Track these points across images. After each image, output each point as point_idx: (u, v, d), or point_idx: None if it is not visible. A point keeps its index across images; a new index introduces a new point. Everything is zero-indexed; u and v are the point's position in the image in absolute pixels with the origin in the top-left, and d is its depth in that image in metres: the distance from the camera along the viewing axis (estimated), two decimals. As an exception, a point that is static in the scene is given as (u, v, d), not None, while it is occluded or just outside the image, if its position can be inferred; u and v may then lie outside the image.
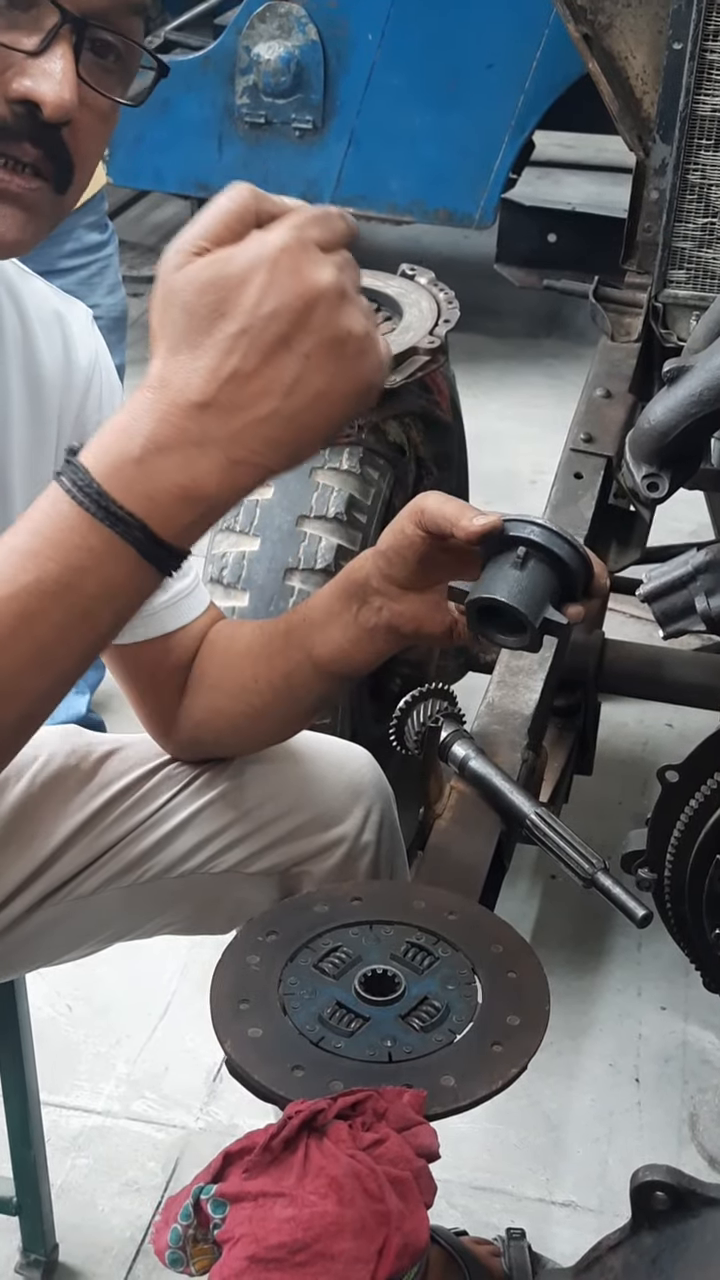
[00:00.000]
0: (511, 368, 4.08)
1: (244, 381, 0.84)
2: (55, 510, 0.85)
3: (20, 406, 1.21)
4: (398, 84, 3.75)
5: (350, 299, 0.87)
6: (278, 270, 0.84)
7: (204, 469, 0.85)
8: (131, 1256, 1.83)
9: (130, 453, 0.84)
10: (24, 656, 0.88)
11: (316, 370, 0.85)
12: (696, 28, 1.86)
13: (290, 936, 1.11)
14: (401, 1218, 0.90)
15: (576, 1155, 1.97)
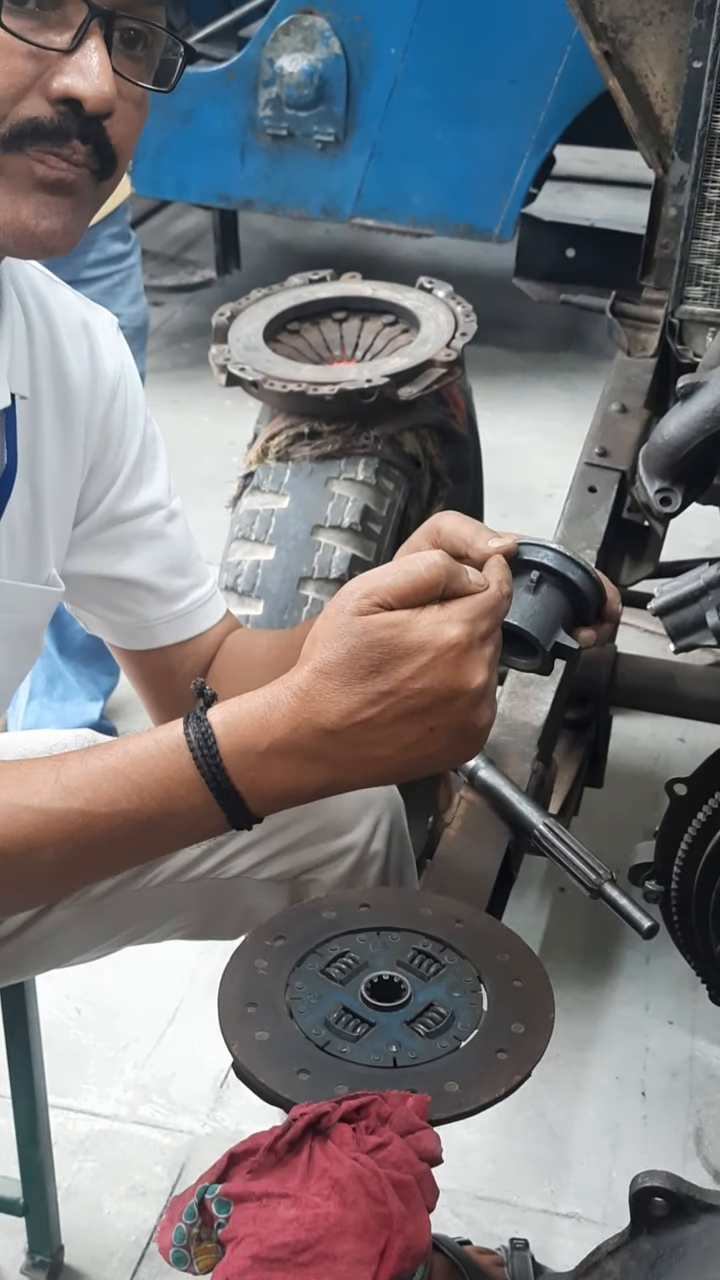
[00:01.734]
0: (529, 381, 4.09)
1: (372, 729, 0.96)
2: (172, 759, 0.97)
3: (50, 413, 1.22)
4: (420, 98, 3.75)
5: (490, 694, 0.99)
6: (440, 660, 0.95)
7: (310, 778, 0.98)
8: (136, 1260, 1.83)
9: (257, 745, 0.96)
10: (93, 868, 1.04)
11: (435, 740, 0.97)
12: (716, 47, 1.87)
13: (298, 942, 1.12)
14: (404, 1220, 0.91)
15: (581, 1167, 1.97)
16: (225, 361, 2.02)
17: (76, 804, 0.97)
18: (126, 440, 1.30)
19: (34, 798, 0.97)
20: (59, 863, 0.99)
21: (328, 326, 2.19)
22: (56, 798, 0.97)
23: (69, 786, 0.98)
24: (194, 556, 1.38)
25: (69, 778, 0.98)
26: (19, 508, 1.20)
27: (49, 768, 0.99)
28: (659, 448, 1.52)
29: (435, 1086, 1.00)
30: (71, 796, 0.97)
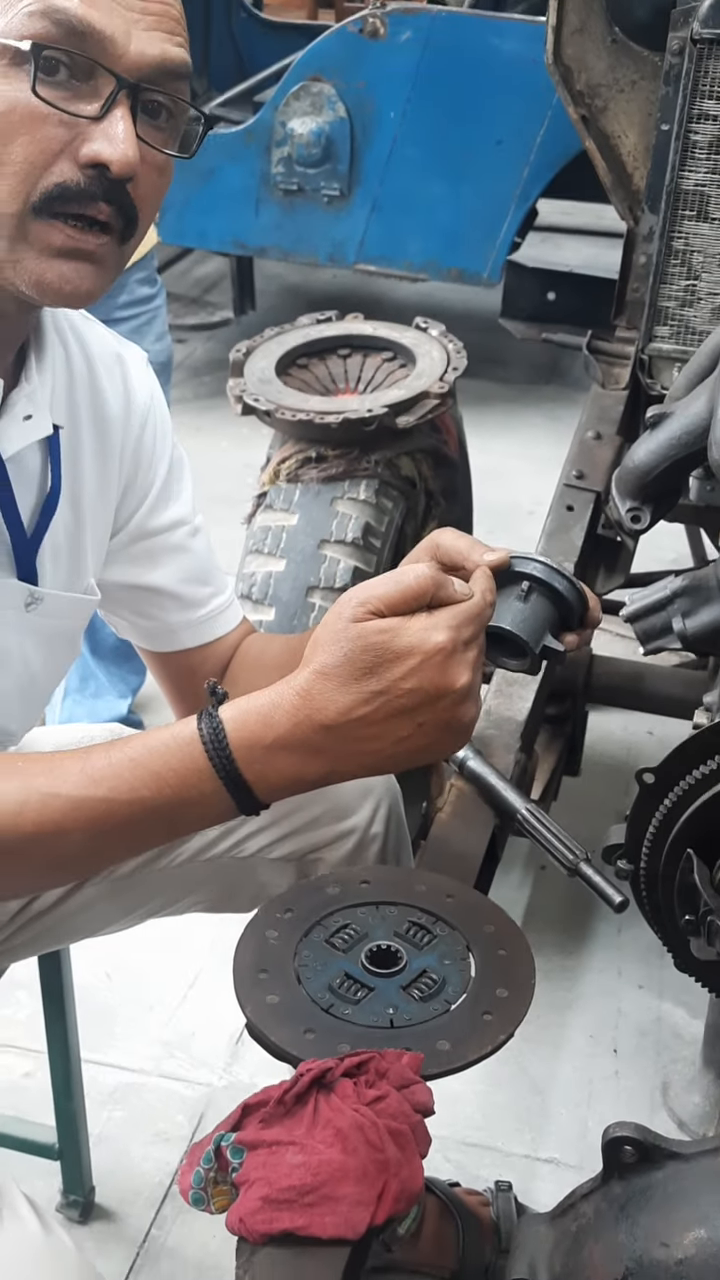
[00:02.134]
0: (514, 411, 4.08)
1: (366, 725, 0.96)
2: (187, 751, 0.98)
3: (89, 440, 1.22)
4: (416, 157, 3.76)
5: (474, 693, 1.00)
6: (428, 663, 0.96)
7: (310, 769, 0.98)
8: (160, 1199, 1.83)
9: (263, 739, 0.97)
10: (117, 849, 1.04)
11: (423, 735, 0.98)
12: (682, 111, 1.87)
13: (305, 914, 1.12)
14: (399, 1166, 0.91)
15: (559, 1117, 1.96)
16: (242, 393, 2.02)
17: (101, 791, 0.97)
18: (156, 463, 1.30)
19: (63, 785, 0.97)
20: (86, 845, 0.99)
21: (333, 362, 2.19)
22: (83, 786, 0.97)
23: (94, 776, 0.98)
24: (214, 568, 1.37)
25: (94, 768, 0.98)
26: (62, 525, 1.19)
27: (77, 759, 0.99)
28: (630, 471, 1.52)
29: (428, 1045, 1.00)
30: (96, 785, 0.97)
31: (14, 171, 0.97)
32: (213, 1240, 1.77)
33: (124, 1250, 1.77)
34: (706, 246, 1.94)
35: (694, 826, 1.21)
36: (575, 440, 2.06)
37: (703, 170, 1.90)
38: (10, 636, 1.18)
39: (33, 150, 0.97)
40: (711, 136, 1.88)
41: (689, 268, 1.96)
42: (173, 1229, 1.80)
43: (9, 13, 0.95)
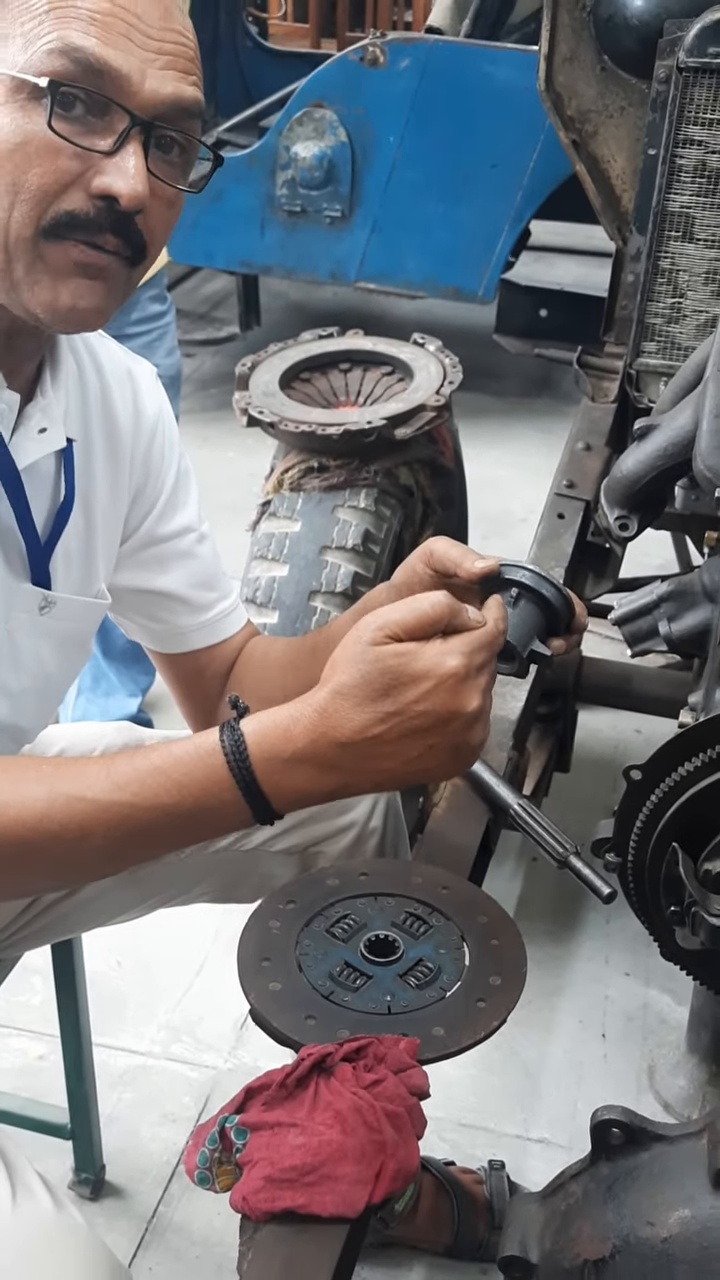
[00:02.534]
0: (508, 423, 4.08)
1: (379, 744, 0.97)
2: (209, 762, 0.98)
3: (101, 451, 1.22)
4: (414, 179, 3.76)
5: (484, 718, 1.01)
6: (440, 687, 0.97)
7: (324, 783, 0.99)
8: (167, 1177, 1.83)
9: (282, 753, 0.97)
10: (135, 853, 1.02)
11: (433, 756, 0.99)
12: (668, 136, 1.87)
13: (306, 905, 1.12)
14: (396, 1146, 0.91)
15: (550, 1098, 1.96)
16: (247, 405, 2.02)
17: (124, 797, 0.97)
18: (164, 472, 1.30)
19: (88, 790, 0.97)
20: (107, 848, 0.99)
21: (334, 376, 2.19)
22: (107, 791, 0.97)
23: (118, 782, 0.98)
24: (220, 573, 1.37)
25: (119, 774, 0.98)
26: (74, 532, 1.19)
27: (102, 765, 0.99)
28: (618, 481, 1.52)
29: (424, 1031, 1.00)
30: (120, 790, 0.97)
31: (27, 199, 0.97)
32: (218, 1217, 1.77)
33: (133, 1226, 1.77)
34: (691, 266, 1.94)
35: (679, 821, 1.20)
36: (566, 451, 2.06)
37: (688, 193, 1.90)
38: (25, 639, 1.18)
39: (47, 180, 0.97)
40: (696, 161, 1.88)
41: (675, 286, 1.96)
42: (179, 1206, 1.79)
43: (30, 49, 0.95)
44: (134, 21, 0.96)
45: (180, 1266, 1.72)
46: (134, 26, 0.96)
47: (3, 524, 1.11)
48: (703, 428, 1.28)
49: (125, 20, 0.96)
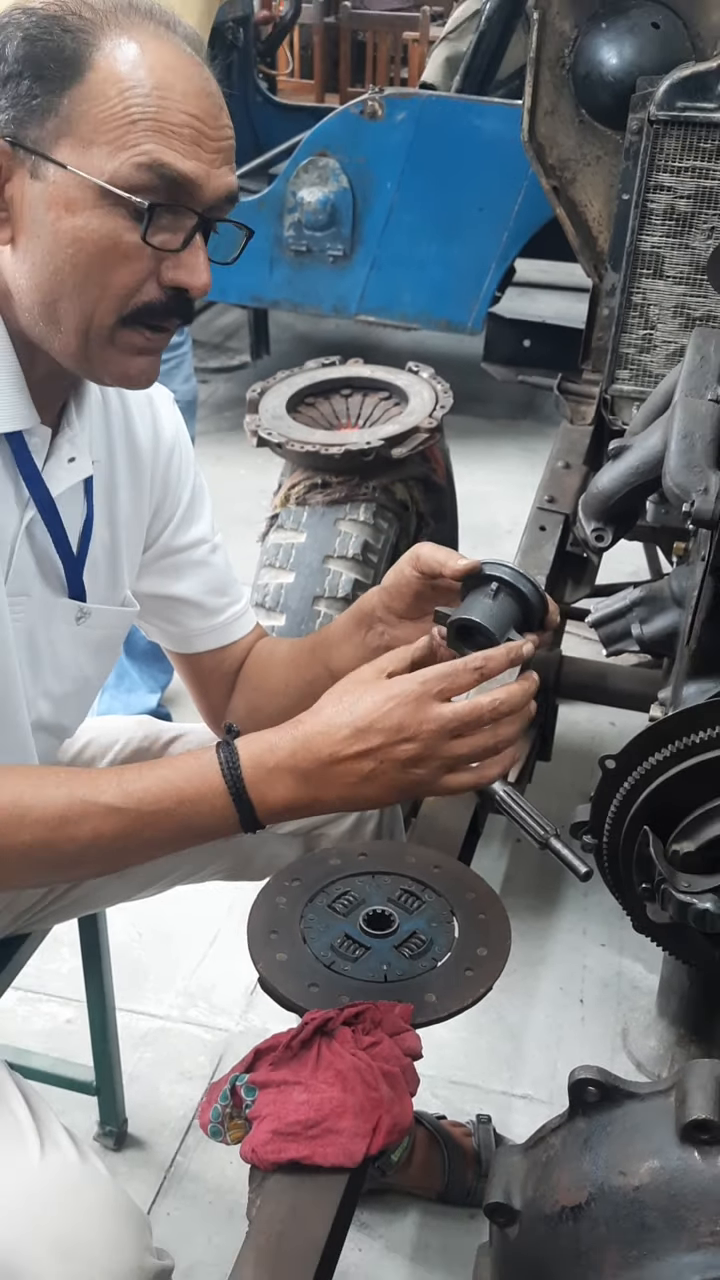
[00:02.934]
0: (495, 443, 4.08)
1: (341, 762, 0.98)
2: (206, 771, 0.99)
3: (124, 470, 1.22)
4: (410, 221, 3.75)
5: (434, 753, 0.98)
6: (397, 708, 0.97)
7: (301, 794, 0.99)
8: (184, 1130, 1.83)
9: (266, 762, 0.99)
10: (136, 853, 1.02)
11: (382, 775, 0.98)
12: (640, 183, 1.87)
13: (310, 883, 1.12)
14: (392, 1103, 0.91)
15: (533, 1058, 1.96)
16: (257, 427, 2.02)
17: (132, 803, 0.98)
18: (180, 488, 1.30)
19: (101, 795, 0.98)
20: (114, 847, 0.99)
21: (336, 400, 2.19)
22: (118, 797, 0.98)
23: (128, 790, 0.99)
24: (232, 580, 1.37)
25: (128, 782, 0.99)
26: (101, 546, 1.19)
27: (114, 774, 1.00)
28: (594, 496, 1.52)
29: (417, 997, 1.00)
30: (129, 797, 0.98)
31: (114, 294, 0.99)
32: (230, 1166, 1.77)
33: (153, 1174, 1.77)
34: (661, 301, 1.94)
35: (650, 806, 1.20)
36: (547, 469, 2.06)
37: (658, 234, 1.90)
38: (65, 648, 1.19)
39: (130, 280, 0.99)
40: (666, 205, 1.88)
41: (646, 319, 1.96)
42: (195, 1156, 1.79)
43: (116, 158, 0.95)
44: (202, 129, 0.97)
45: (195, 1211, 1.72)
46: (202, 134, 0.98)
47: (41, 547, 1.11)
48: (671, 448, 1.28)
49: (196, 129, 0.97)
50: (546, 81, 2.08)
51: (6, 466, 1.06)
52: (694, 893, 1.14)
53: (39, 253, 0.98)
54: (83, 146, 0.95)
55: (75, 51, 0.95)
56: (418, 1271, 1.66)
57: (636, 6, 1.98)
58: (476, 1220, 1.72)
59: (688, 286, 1.91)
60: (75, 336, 1.01)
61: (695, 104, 1.80)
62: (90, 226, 0.96)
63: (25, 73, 0.95)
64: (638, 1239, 0.76)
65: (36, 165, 0.96)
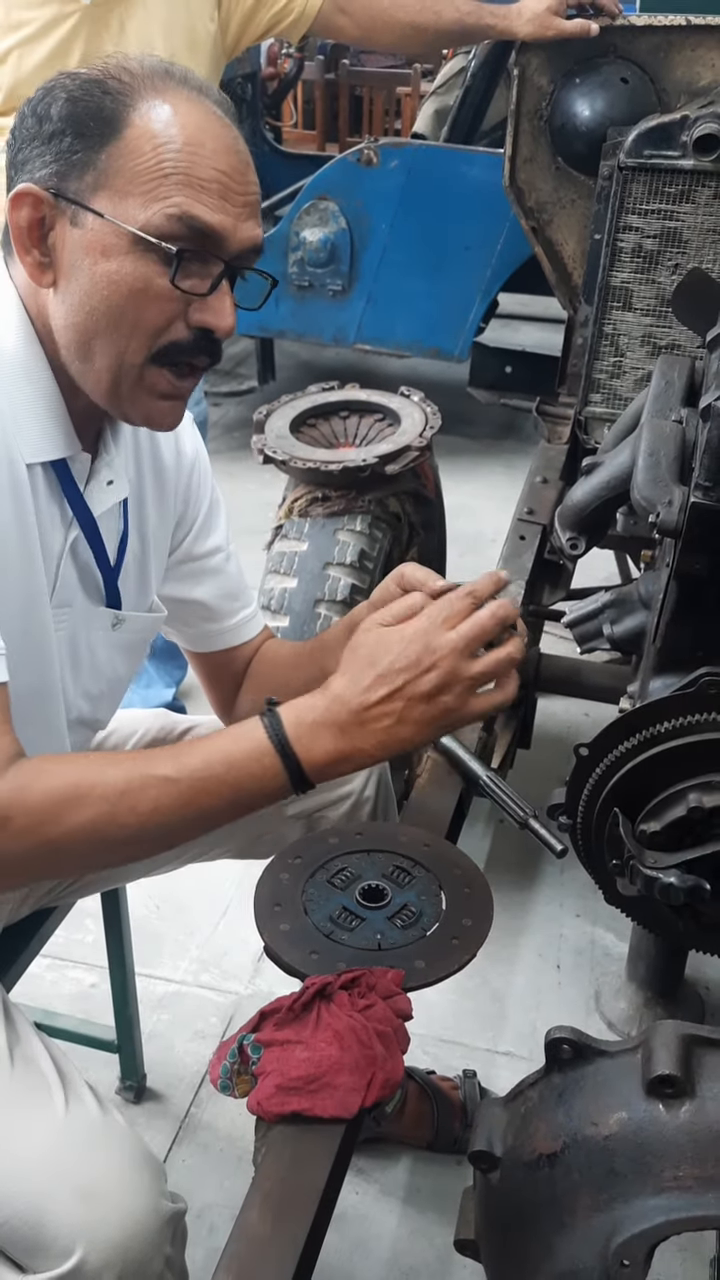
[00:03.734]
0: (480, 461, 4.08)
1: (375, 706, 0.97)
2: (253, 736, 0.98)
3: (151, 487, 1.22)
4: (402, 259, 3.75)
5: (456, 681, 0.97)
6: (412, 644, 0.97)
7: (342, 746, 0.97)
8: (198, 1085, 1.82)
9: (306, 719, 0.98)
10: (196, 823, 0.99)
11: (413, 710, 0.97)
12: (610, 224, 1.87)
13: (311, 860, 1.12)
14: (385, 1060, 0.91)
15: (514, 1019, 1.96)
16: (263, 446, 2.02)
17: (186, 772, 0.96)
18: (199, 502, 1.30)
19: (158, 769, 0.96)
20: (174, 818, 0.97)
21: (335, 421, 2.18)
22: (174, 768, 0.96)
23: (182, 761, 0.97)
24: (243, 587, 1.37)
25: (181, 754, 0.98)
26: (132, 557, 1.19)
27: (169, 750, 0.99)
28: (569, 508, 1.51)
29: (408, 964, 0.99)
30: (183, 767, 0.97)
31: (144, 333, 0.98)
32: (240, 1117, 1.76)
33: (169, 1125, 1.76)
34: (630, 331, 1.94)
35: (619, 790, 1.20)
36: (526, 484, 2.06)
37: (627, 270, 1.90)
38: (102, 652, 1.19)
39: (159, 320, 0.98)
40: (634, 244, 1.88)
41: (616, 348, 1.96)
42: (207, 1108, 1.79)
43: (149, 209, 0.94)
44: (229, 184, 0.97)
45: (208, 1158, 1.72)
46: (229, 188, 0.97)
47: (83, 562, 1.12)
48: (639, 464, 1.28)
49: (223, 184, 0.96)
50: (526, 131, 2.08)
51: (52, 490, 1.06)
52: (659, 868, 1.14)
53: (77, 294, 0.97)
54: (119, 197, 0.95)
55: (114, 111, 0.95)
56: (409, 1212, 1.66)
57: (608, 64, 1.98)
58: (463, 1166, 1.72)
59: (654, 318, 1.91)
60: (108, 374, 1.00)
61: (660, 152, 1.80)
62: (124, 270, 0.96)
63: (68, 130, 0.95)
64: (607, 1184, 0.76)
65: (76, 214, 0.96)
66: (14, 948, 1.34)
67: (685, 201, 1.82)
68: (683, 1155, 0.73)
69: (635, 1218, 0.73)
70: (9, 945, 1.33)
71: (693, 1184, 0.72)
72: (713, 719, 1.15)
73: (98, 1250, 0.96)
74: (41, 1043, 1.09)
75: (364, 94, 6.62)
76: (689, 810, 1.15)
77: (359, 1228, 1.63)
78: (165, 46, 2.05)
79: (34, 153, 0.97)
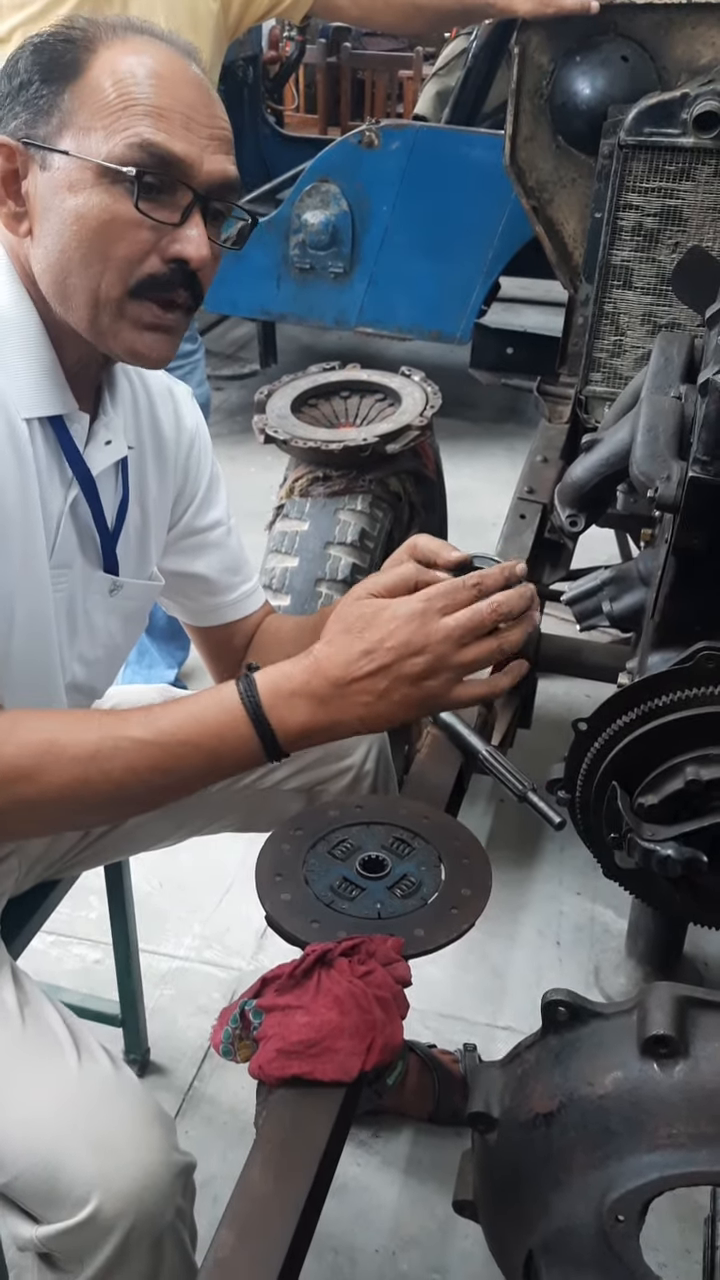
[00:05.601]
0: (481, 444, 4.07)
1: (359, 680, 0.96)
2: (228, 702, 0.97)
3: (151, 456, 1.22)
4: (404, 242, 3.74)
5: (447, 664, 0.96)
6: (403, 626, 0.96)
7: (319, 717, 0.96)
8: (201, 1058, 1.84)
9: (283, 689, 0.97)
10: (170, 787, 1.00)
11: (399, 690, 0.96)
12: (610, 203, 1.86)
13: (312, 832, 1.12)
14: (384, 1025, 0.91)
15: (514, 994, 1.97)
16: (264, 426, 2.02)
17: (160, 736, 0.96)
18: (200, 474, 1.30)
19: (132, 730, 0.96)
20: (150, 781, 0.97)
21: (336, 401, 2.18)
22: (147, 732, 0.96)
23: (156, 724, 0.97)
24: (244, 561, 1.37)
25: (155, 717, 0.98)
26: (133, 524, 1.20)
27: (141, 711, 0.98)
28: (569, 485, 1.51)
29: (407, 932, 1.00)
30: (158, 731, 0.96)
31: (116, 266, 0.98)
32: (242, 1090, 1.78)
33: (173, 1097, 1.78)
34: (630, 310, 1.93)
35: (617, 764, 1.21)
36: (527, 463, 2.05)
37: (628, 249, 1.89)
38: (99, 617, 1.19)
39: (132, 250, 0.98)
40: (634, 222, 1.87)
41: (617, 326, 1.96)
42: (211, 1081, 1.81)
43: (112, 140, 0.95)
44: (191, 114, 0.97)
45: (211, 1130, 1.73)
46: (191, 118, 0.97)
47: (83, 523, 1.12)
48: (637, 440, 1.28)
49: (185, 114, 0.97)
50: (526, 111, 2.07)
51: (52, 449, 1.06)
52: (657, 841, 1.15)
53: (50, 236, 0.98)
54: (82, 134, 0.96)
55: (75, 55, 0.97)
56: (410, 1183, 1.67)
57: (608, 42, 1.96)
58: (463, 1138, 1.73)
59: (654, 297, 1.91)
60: (86, 310, 1.00)
61: (661, 130, 1.79)
62: (90, 203, 0.96)
63: (34, 78, 0.97)
64: (603, 1142, 0.77)
65: (45, 158, 0.97)
66: (19, 918, 1.35)
67: (685, 179, 1.81)
68: (676, 1113, 0.74)
69: (630, 1174, 0.74)
70: (14, 916, 1.34)
71: (686, 1141, 0.73)
72: (710, 693, 1.15)
73: (112, 1200, 0.97)
74: (52, 1006, 1.11)
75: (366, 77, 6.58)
76: (686, 783, 1.15)
77: (361, 1198, 1.65)
78: (167, 25, 2.04)
79: (8, 109, 0.99)
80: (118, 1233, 0.98)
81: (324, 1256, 1.57)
